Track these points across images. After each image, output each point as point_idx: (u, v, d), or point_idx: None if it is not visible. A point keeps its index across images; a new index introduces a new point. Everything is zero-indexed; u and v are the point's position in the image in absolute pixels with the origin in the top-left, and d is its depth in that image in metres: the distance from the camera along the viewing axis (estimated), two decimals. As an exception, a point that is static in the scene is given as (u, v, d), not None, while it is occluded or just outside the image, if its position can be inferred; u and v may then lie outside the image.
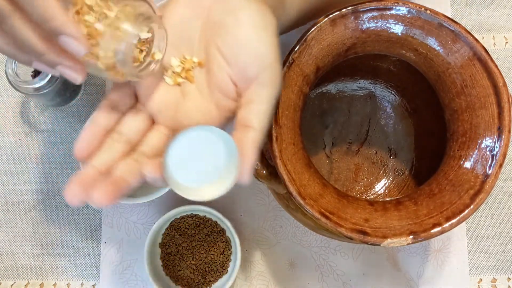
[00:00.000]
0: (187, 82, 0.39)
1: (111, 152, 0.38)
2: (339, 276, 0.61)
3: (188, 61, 0.39)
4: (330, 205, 0.44)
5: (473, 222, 0.62)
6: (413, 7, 0.45)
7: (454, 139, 0.46)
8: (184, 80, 0.39)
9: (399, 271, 0.61)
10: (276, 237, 0.61)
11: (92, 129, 0.38)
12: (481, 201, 0.42)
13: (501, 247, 0.62)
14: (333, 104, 0.59)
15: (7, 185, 0.63)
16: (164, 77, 0.39)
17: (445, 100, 0.47)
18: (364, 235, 0.42)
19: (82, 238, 0.62)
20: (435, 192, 0.44)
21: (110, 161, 0.37)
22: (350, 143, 0.60)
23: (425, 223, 0.43)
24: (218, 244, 0.60)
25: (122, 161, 0.38)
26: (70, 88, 0.61)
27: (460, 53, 0.45)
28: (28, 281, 0.61)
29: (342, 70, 0.56)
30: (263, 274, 0.61)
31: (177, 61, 0.39)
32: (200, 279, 0.59)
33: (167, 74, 0.39)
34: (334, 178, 0.58)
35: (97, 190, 0.35)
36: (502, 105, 0.43)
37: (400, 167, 0.58)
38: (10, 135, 0.64)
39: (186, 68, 0.39)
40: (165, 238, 0.60)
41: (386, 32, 0.46)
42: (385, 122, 0.59)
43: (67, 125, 0.64)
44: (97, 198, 0.34)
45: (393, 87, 0.58)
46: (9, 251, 0.62)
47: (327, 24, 0.45)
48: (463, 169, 0.44)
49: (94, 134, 0.38)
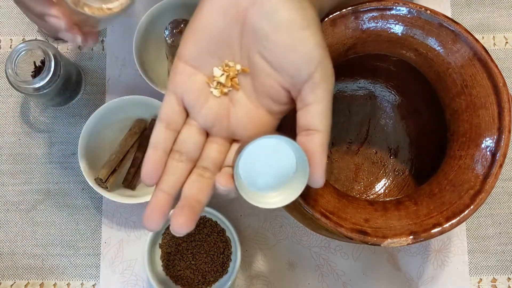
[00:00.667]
0: (233, 90, 0.38)
1: (176, 173, 0.38)
2: (339, 276, 0.61)
3: (231, 68, 0.38)
4: (330, 205, 0.44)
5: (473, 222, 0.62)
6: (413, 7, 0.45)
7: (454, 139, 0.46)
8: (230, 88, 0.38)
9: (399, 271, 0.61)
10: (276, 237, 0.61)
11: (154, 153, 0.38)
12: (481, 201, 0.43)
13: (501, 247, 0.62)
14: (333, 104, 0.59)
15: (7, 185, 0.63)
16: (210, 89, 0.38)
17: (445, 100, 0.47)
18: (364, 235, 0.42)
19: (82, 238, 0.62)
20: (435, 192, 0.44)
21: (178, 183, 0.38)
22: (350, 143, 0.60)
23: (425, 223, 0.43)
24: (218, 244, 0.60)
25: (188, 180, 0.38)
26: (70, 88, 0.61)
27: (460, 53, 0.45)
28: (28, 281, 0.61)
29: (342, 70, 0.56)
30: (263, 274, 0.61)
31: (220, 70, 0.38)
32: (200, 279, 0.59)
33: (212, 86, 0.38)
34: (334, 178, 0.58)
35: (177, 216, 0.36)
36: (502, 105, 0.43)
37: (400, 167, 0.58)
38: (10, 135, 0.64)
39: (231, 76, 0.38)
40: (165, 238, 0.60)
41: (386, 32, 0.46)
42: (385, 122, 0.59)
43: (67, 125, 0.64)
44: (179, 226, 0.35)
45: (393, 87, 0.58)
46: (9, 251, 0.62)
47: (327, 24, 0.45)
48: (463, 169, 0.44)
49: (158, 158, 0.38)
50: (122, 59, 0.65)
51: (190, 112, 0.39)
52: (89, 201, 0.62)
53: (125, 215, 0.62)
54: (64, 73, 0.57)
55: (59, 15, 0.41)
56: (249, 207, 0.62)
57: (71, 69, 0.60)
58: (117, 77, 0.64)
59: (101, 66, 0.65)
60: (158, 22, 0.59)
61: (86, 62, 0.65)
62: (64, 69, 0.57)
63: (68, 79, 0.59)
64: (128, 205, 0.62)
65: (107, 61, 0.65)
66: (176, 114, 0.39)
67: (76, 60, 0.65)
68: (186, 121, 0.39)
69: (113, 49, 0.65)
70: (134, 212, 0.62)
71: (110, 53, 0.65)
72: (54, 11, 0.41)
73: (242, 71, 0.38)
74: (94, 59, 0.65)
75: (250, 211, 0.62)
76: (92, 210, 0.62)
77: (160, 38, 0.57)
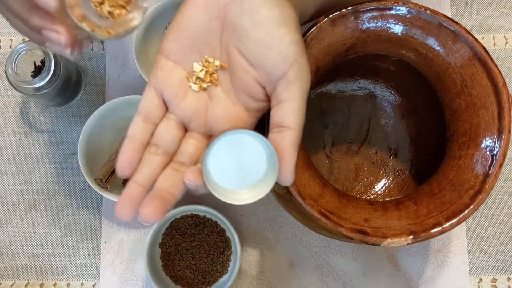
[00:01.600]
0: (212, 85, 0.39)
1: (151, 166, 0.38)
2: (339, 276, 0.61)
3: (211, 64, 0.38)
4: (330, 205, 0.44)
5: (473, 222, 0.62)
6: (413, 7, 0.45)
7: (454, 139, 0.46)
8: (209, 84, 0.39)
9: (399, 271, 0.61)
10: (276, 237, 0.61)
11: (130, 145, 0.38)
12: (481, 201, 0.42)
13: (501, 247, 0.62)
14: (333, 104, 0.59)
15: (7, 185, 0.63)
16: (190, 84, 0.39)
17: (445, 100, 0.47)
18: (364, 235, 0.42)
19: (82, 238, 0.62)
20: (435, 192, 0.44)
21: (152, 175, 0.38)
22: (350, 143, 0.60)
23: (425, 223, 0.43)
24: (218, 244, 0.60)
25: (163, 173, 0.38)
26: (70, 88, 0.61)
27: (460, 53, 0.45)
28: (28, 281, 0.61)
29: (342, 70, 0.56)
30: (263, 274, 0.61)
31: (200, 66, 0.38)
32: (200, 279, 0.59)
33: (192, 81, 0.39)
34: (334, 178, 0.58)
35: (146, 206, 0.35)
36: (502, 105, 0.43)
37: (400, 167, 0.58)
38: (10, 135, 0.64)
39: (210, 72, 0.38)
40: (165, 238, 0.60)
41: (386, 32, 0.46)
42: (385, 122, 0.59)
43: (67, 125, 0.64)
44: (146, 215, 0.35)
45: (393, 87, 0.58)
46: (9, 251, 0.62)
47: (327, 24, 0.45)
48: (463, 169, 0.44)
49: (134, 150, 0.38)
50: (122, 59, 0.65)
51: (169, 106, 0.39)
52: (89, 201, 0.62)
53: (125, 215, 0.62)
54: (64, 73, 0.57)
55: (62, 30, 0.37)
56: (249, 207, 0.62)
57: (71, 69, 0.60)
58: (117, 77, 0.64)
59: (101, 66, 0.65)
60: (158, 22, 0.59)
61: (86, 62, 0.65)
62: (64, 69, 0.57)
63: (68, 79, 0.59)
64: (128, 205, 0.62)
65: (107, 61, 0.65)
66: (155, 107, 0.39)
67: (76, 60, 0.65)
68: (165, 115, 0.39)
69: (113, 49, 0.65)
70: (134, 212, 0.62)
71: (110, 53, 0.65)
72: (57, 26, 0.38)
73: (221, 67, 0.38)
74: (94, 59, 0.65)
75: (250, 211, 0.62)
76: (92, 210, 0.62)
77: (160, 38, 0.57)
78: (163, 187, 0.37)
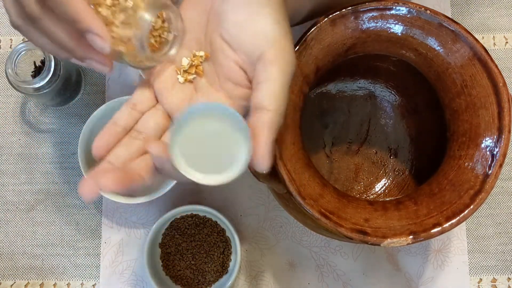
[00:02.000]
0: (198, 77, 0.40)
1: (128, 148, 0.37)
2: (339, 276, 0.61)
3: (197, 57, 0.39)
4: (330, 205, 0.43)
5: (473, 222, 0.62)
6: (413, 7, 0.45)
7: (454, 139, 0.46)
8: (195, 75, 0.40)
9: (399, 271, 0.61)
10: (276, 237, 0.61)
11: (111, 127, 0.37)
12: (481, 201, 0.42)
13: (501, 247, 0.62)
14: (333, 104, 0.59)
15: (7, 185, 0.63)
16: (177, 76, 0.40)
17: (445, 100, 0.47)
18: (364, 235, 0.42)
19: (82, 238, 0.62)
20: (435, 192, 0.44)
21: (127, 157, 0.36)
22: (350, 143, 0.60)
23: (425, 223, 0.43)
24: (218, 244, 0.60)
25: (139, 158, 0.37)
26: (70, 88, 0.61)
27: (460, 53, 0.45)
28: (28, 281, 0.61)
29: (342, 70, 0.56)
30: (263, 274, 0.61)
31: (188, 60, 0.40)
32: (200, 279, 0.59)
33: (179, 74, 0.40)
34: (334, 178, 0.58)
35: (106, 176, 0.33)
36: (502, 105, 0.43)
37: (400, 167, 0.58)
38: (10, 135, 0.64)
39: (195, 64, 0.39)
40: (165, 238, 0.60)
41: (386, 32, 0.46)
42: (385, 122, 0.59)
43: (67, 125, 0.64)
44: (104, 183, 0.33)
45: (393, 87, 0.58)
46: (9, 251, 0.62)
47: (327, 24, 0.45)
48: (463, 169, 0.44)
49: (113, 133, 0.37)
50: (122, 59, 0.65)
51: (158, 98, 0.40)
52: (89, 201, 0.62)
53: (125, 215, 0.62)
54: (64, 73, 0.57)
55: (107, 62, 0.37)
56: (249, 207, 0.62)
57: (71, 69, 0.60)
58: (117, 77, 0.64)
59: (101, 66, 0.65)
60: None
61: (86, 62, 0.65)
62: (64, 69, 0.57)
63: (68, 79, 0.59)
64: (128, 205, 0.62)
65: (107, 61, 0.65)
66: (145, 98, 0.39)
67: (76, 60, 0.65)
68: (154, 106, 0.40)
69: (113, 49, 0.65)
70: (134, 212, 0.62)
71: (110, 53, 0.65)
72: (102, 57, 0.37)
73: (205, 58, 0.39)
74: (94, 59, 0.65)
75: (250, 211, 0.62)
76: (92, 210, 0.62)
77: (160, 38, 0.57)
78: (135, 167, 0.36)
